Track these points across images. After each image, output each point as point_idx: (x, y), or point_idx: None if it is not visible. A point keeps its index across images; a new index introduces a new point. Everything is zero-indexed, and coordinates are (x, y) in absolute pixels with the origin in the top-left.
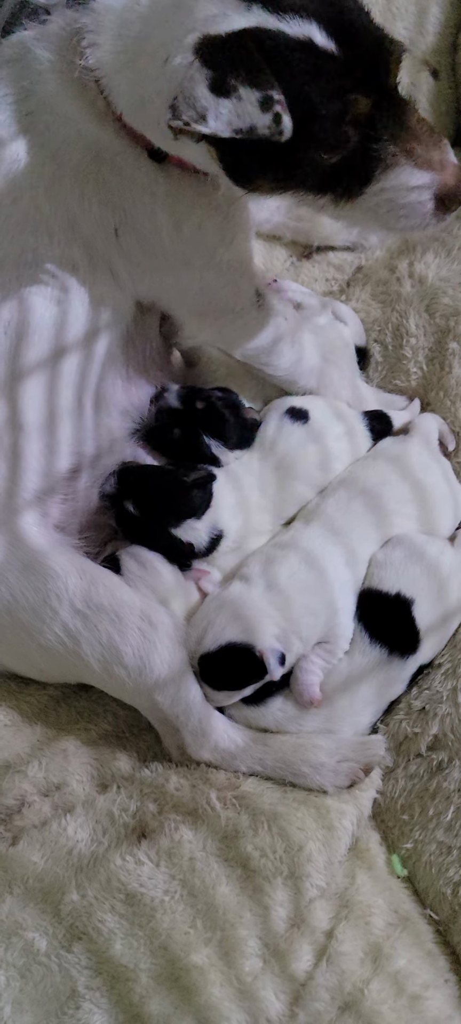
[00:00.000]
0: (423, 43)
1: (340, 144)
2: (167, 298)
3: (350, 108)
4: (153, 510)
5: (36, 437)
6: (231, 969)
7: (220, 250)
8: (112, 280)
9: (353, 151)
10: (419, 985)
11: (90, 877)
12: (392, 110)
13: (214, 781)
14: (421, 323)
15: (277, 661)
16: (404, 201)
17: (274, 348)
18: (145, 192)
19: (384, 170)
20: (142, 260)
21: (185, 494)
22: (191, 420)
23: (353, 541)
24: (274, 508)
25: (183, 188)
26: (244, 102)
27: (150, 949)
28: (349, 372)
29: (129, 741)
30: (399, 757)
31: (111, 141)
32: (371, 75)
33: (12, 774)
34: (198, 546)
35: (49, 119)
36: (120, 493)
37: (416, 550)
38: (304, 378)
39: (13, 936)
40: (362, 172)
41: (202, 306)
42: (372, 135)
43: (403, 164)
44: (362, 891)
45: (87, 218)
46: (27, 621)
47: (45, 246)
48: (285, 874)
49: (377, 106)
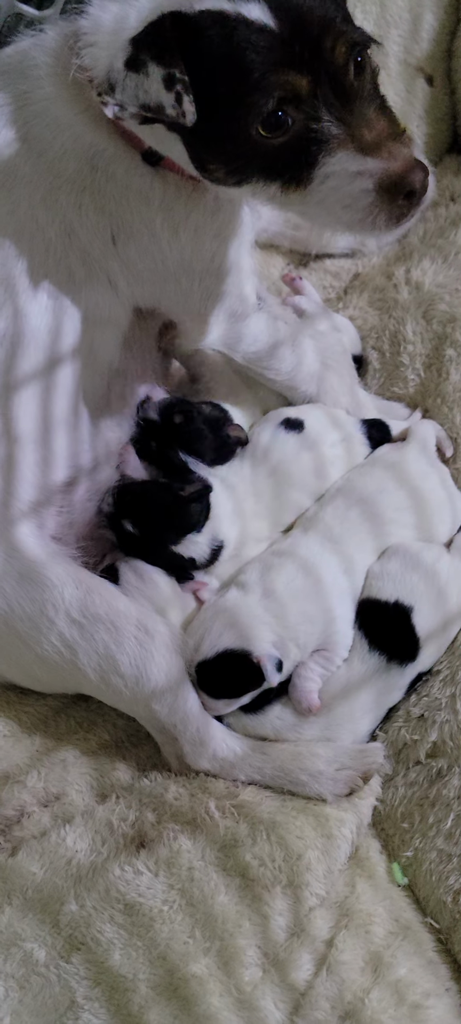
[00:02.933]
0: (418, 50)
1: (281, 124)
2: (168, 304)
3: (281, 82)
4: (152, 529)
5: (31, 448)
6: (230, 979)
7: (219, 255)
8: (109, 288)
9: (297, 134)
10: (420, 994)
11: (89, 887)
12: (337, 92)
13: (213, 790)
14: (418, 330)
15: (274, 667)
16: (348, 189)
17: (275, 352)
18: (141, 199)
19: (326, 153)
20: (141, 267)
21: (183, 509)
22: (168, 435)
23: (351, 549)
24: (271, 515)
25: (179, 193)
26: (151, 79)
27: (149, 959)
28: (349, 378)
29: (128, 751)
30: (398, 764)
31: (106, 145)
32: (311, 54)
33: (11, 785)
34: (200, 560)
35: (46, 127)
36: (118, 512)
37: (413, 558)
38: (304, 383)
39: (12, 947)
40: (306, 155)
41: (204, 311)
42: (313, 115)
43: (347, 148)
44: (362, 900)
45: (84, 227)
46: (24, 632)
47: (42, 255)
48: (284, 883)
49: (317, 85)
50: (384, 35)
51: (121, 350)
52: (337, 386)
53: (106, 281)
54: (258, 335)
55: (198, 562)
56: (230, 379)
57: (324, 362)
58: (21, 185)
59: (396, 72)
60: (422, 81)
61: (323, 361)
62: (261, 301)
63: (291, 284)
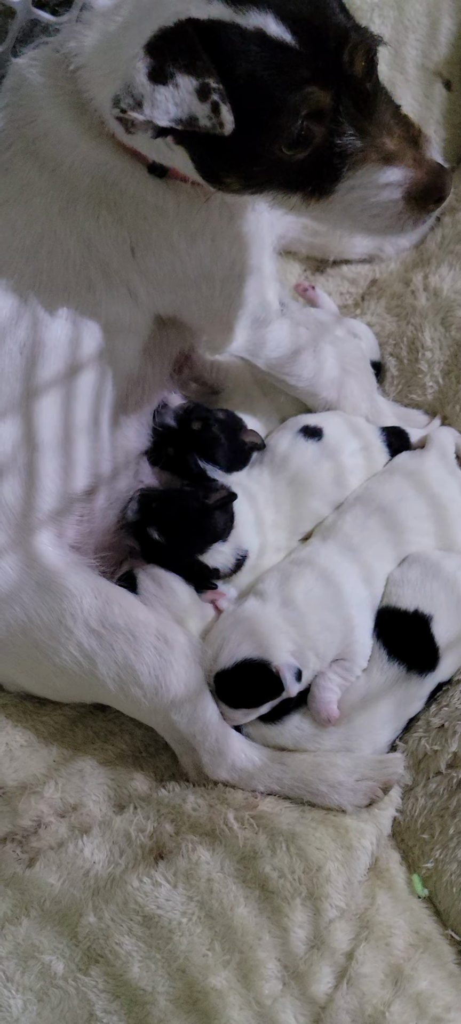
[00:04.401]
0: (436, 54)
1: (303, 140)
2: (189, 312)
3: (307, 100)
4: (179, 537)
5: (51, 456)
6: (250, 992)
7: (239, 260)
8: (130, 298)
9: (319, 147)
10: (441, 1007)
11: (107, 899)
12: (358, 103)
13: (231, 801)
14: (436, 336)
15: (293, 677)
16: (375, 200)
17: (297, 358)
18: (156, 211)
19: (352, 167)
20: (161, 277)
21: (208, 518)
22: (185, 441)
23: (370, 558)
24: (290, 524)
25: (192, 202)
26: (181, 89)
27: (168, 972)
28: (368, 385)
29: (146, 761)
30: (418, 775)
31: (114, 162)
32: (331, 66)
33: (28, 795)
34: (224, 569)
35: (55, 145)
36: (143, 519)
37: (433, 567)
38: (325, 390)
39: (30, 959)
40: (330, 169)
41: (226, 317)
42: (336, 130)
43: (372, 160)
44: (382, 912)
45: (103, 239)
46: (42, 641)
47: (61, 266)
48: (304, 895)
49: (339, 99)
50: (402, 40)
51: (141, 358)
52: (357, 392)
53: (126, 291)
54: (281, 340)
55: (222, 572)
56: (246, 387)
57: (344, 368)
58: (37, 197)
59: (414, 77)
60: (440, 86)
61: (343, 367)
62: (283, 306)
63: (304, 295)
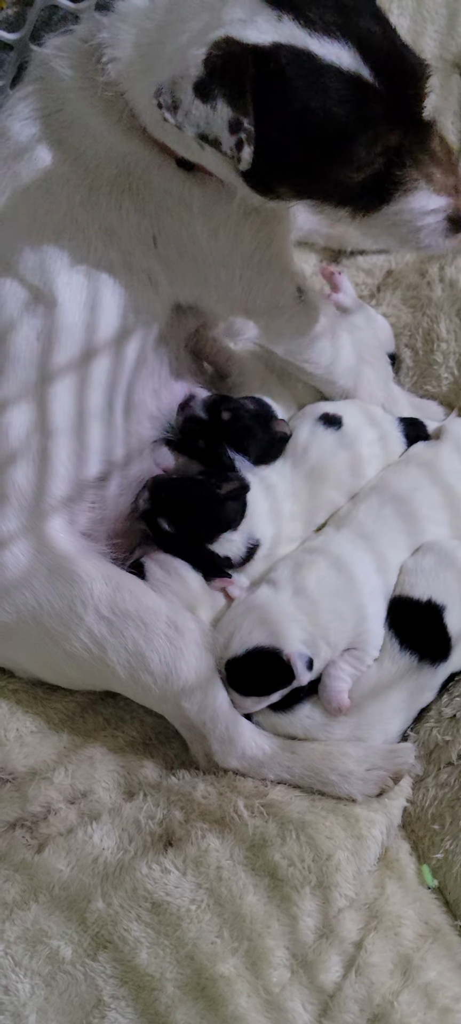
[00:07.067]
0: (454, 45)
1: (365, 166)
2: (209, 299)
3: (380, 139)
4: (188, 526)
5: (65, 442)
6: (258, 979)
7: (259, 251)
8: (150, 286)
9: (377, 173)
10: (450, 998)
11: (116, 885)
12: (418, 137)
13: (241, 789)
14: (452, 328)
15: (304, 665)
16: (421, 223)
17: (315, 345)
18: (180, 203)
19: (404, 193)
20: (183, 267)
21: (220, 507)
22: (216, 432)
23: (384, 547)
24: (306, 515)
25: (217, 197)
26: (217, 114)
27: (176, 958)
28: (384, 373)
29: (156, 748)
30: (429, 765)
31: (141, 154)
32: (404, 107)
33: (38, 781)
34: (235, 558)
35: (80, 135)
36: (154, 510)
37: (447, 556)
38: (342, 378)
39: (38, 944)
40: (383, 192)
41: (245, 304)
42: (396, 161)
43: (422, 189)
44: (392, 901)
45: (125, 228)
46: (53, 627)
47: (82, 254)
48: (313, 884)
49: (405, 135)
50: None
51: (157, 345)
52: (374, 380)
53: (147, 279)
54: (299, 327)
55: (233, 561)
56: (262, 375)
57: (361, 356)
58: (59, 184)
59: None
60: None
61: (360, 355)
62: (302, 293)
63: (330, 279)
